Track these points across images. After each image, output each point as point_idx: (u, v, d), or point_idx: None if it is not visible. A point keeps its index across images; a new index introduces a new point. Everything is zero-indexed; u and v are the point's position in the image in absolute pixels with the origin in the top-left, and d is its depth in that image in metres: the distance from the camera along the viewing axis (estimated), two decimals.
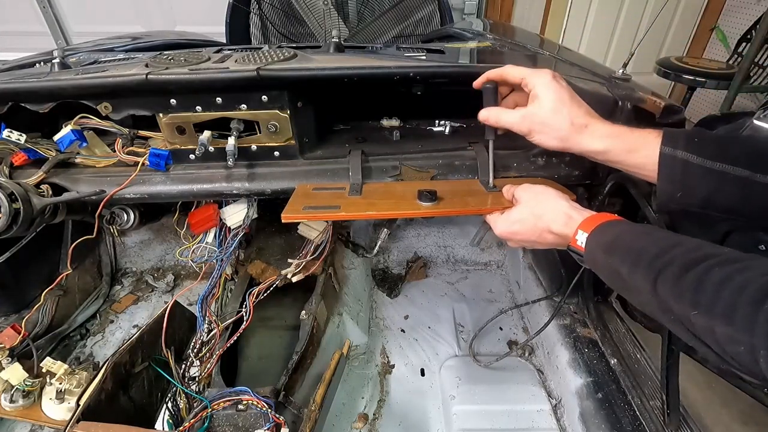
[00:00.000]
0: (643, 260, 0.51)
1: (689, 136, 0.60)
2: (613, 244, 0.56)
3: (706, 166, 0.57)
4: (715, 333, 0.42)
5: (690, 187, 0.59)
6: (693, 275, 0.45)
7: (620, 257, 0.54)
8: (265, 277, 1.15)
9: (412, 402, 1.10)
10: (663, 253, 0.49)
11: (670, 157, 0.60)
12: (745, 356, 0.40)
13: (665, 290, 0.47)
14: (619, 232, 0.57)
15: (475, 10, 3.00)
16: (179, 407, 0.90)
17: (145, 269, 1.50)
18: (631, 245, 0.54)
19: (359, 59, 1.01)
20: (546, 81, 0.69)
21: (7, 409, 0.91)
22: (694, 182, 0.58)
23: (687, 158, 0.58)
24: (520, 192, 0.75)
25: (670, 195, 0.61)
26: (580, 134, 0.67)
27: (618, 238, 0.56)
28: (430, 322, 1.33)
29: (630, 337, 1.02)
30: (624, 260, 0.53)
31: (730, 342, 0.41)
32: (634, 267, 0.52)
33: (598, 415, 0.92)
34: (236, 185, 0.91)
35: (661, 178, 0.61)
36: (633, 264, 0.52)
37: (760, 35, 2.23)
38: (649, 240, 0.53)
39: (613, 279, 0.57)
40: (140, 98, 0.85)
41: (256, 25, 2.17)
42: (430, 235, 1.59)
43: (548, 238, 0.69)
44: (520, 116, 0.71)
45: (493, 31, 1.58)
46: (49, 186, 0.89)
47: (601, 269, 0.59)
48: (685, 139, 0.60)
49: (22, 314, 1.11)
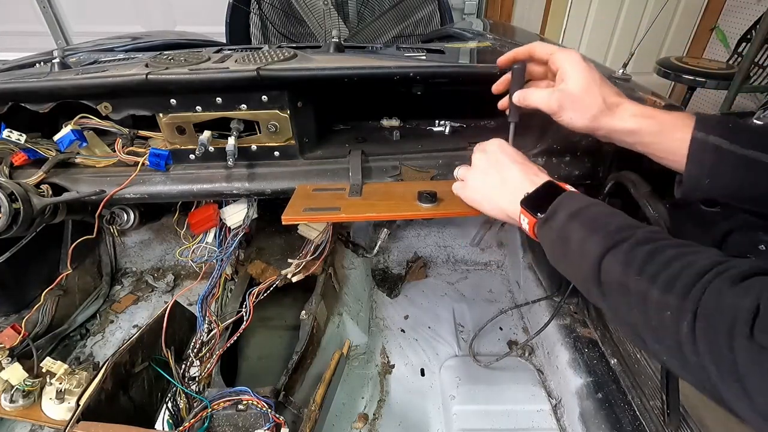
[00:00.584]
0: (602, 230, 0.52)
1: (723, 122, 0.58)
2: (580, 211, 0.56)
3: (739, 153, 0.56)
4: (648, 298, 0.44)
5: (719, 174, 0.57)
6: (648, 248, 0.47)
7: (580, 223, 0.55)
8: (265, 277, 1.15)
9: (412, 402, 1.10)
10: (625, 229, 0.51)
11: (701, 142, 0.57)
12: (668, 320, 0.42)
13: (613, 259, 0.49)
14: (590, 203, 0.58)
15: (475, 10, 3.00)
16: (179, 407, 0.90)
17: (145, 269, 1.50)
18: (597, 216, 0.55)
19: (359, 59, 1.01)
20: (576, 59, 0.66)
21: (7, 409, 0.91)
22: (724, 169, 0.57)
23: (719, 143, 0.56)
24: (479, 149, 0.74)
25: (697, 181, 0.59)
26: (612, 113, 0.65)
27: (588, 207, 0.57)
28: (430, 322, 1.33)
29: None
30: (583, 226, 0.54)
31: (659, 307, 0.43)
32: (590, 234, 0.53)
33: (598, 415, 0.92)
34: (236, 185, 0.91)
35: (691, 162, 0.59)
36: (590, 231, 0.53)
37: (760, 35, 2.23)
38: (617, 218, 0.54)
39: (558, 244, 0.58)
40: (140, 98, 0.85)
41: (256, 25, 2.17)
42: (430, 235, 1.59)
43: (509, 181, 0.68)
44: (550, 95, 0.68)
45: (493, 31, 1.58)
46: (49, 186, 0.89)
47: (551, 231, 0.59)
48: (718, 125, 0.58)
49: (22, 314, 1.11)
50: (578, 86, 0.65)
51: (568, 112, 0.67)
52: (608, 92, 0.65)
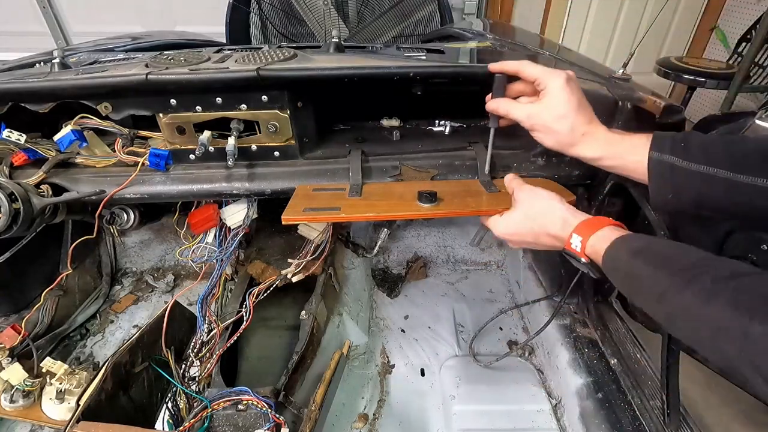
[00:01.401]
0: (677, 266, 0.51)
1: (675, 140, 0.63)
2: (642, 249, 0.56)
3: (692, 169, 0.60)
4: (748, 334, 0.41)
5: (679, 190, 0.61)
6: (736, 282, 0.45)
7: (648, 261, 0.54)
8: (265, 277, 1.15)
9: (412, 402, 1.10)
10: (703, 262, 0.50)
11: (657, 162, 0.62)
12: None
13: (696, 293, 0.47)
14: (652, 241, 0.58)
15: (475, 10, 3.00)
16: (179, 407, 0.90)
17: (145, 269, 1.50)
18: (662, 251, 0.55)
19: (359, 59, 1.01)
20: (559, 84, 0.70)
21: (7, 409, 0.92)
22: (684, 185, 0.61)
23: (673, 162, 0.61)
24: (518, 193, 0.76)
25: (662, 197, 0.63)
26: (577, 143, 0.71)
27: (650, 244, 0.57)
28: (430, 322, 1.33)
29: (630, 337, 1.02)
30: (653, 264, 0.53)
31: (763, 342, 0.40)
32: (663, 271, 0.52)
33: (598, 415, 0.92)
34: (236, 185, 0.91)
35: (652, 180, 0.64)
36: (663, 269, 0.52)
37: (760, 35, 2.23)
38: (687, 252, 0.53)
39: (628, 280, 0.58)
40: (140, 98, 0.85)
41: (256, 25, 2.17)
42: (430, 235, 1.59)
43: (545, 240, 0.70)
44: (526, 114, 0.73)
45: (493, 31, 1.58)
46: (49, 186, 0.89)
47: (618, 270, 0.59)
48: (671, 143, 0.62)
49: (22, 314, 1.11)
50: (552, 114, 0.70)
51: (538, 134, 0.74)
52: (580, 121, 0.70)
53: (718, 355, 0.45)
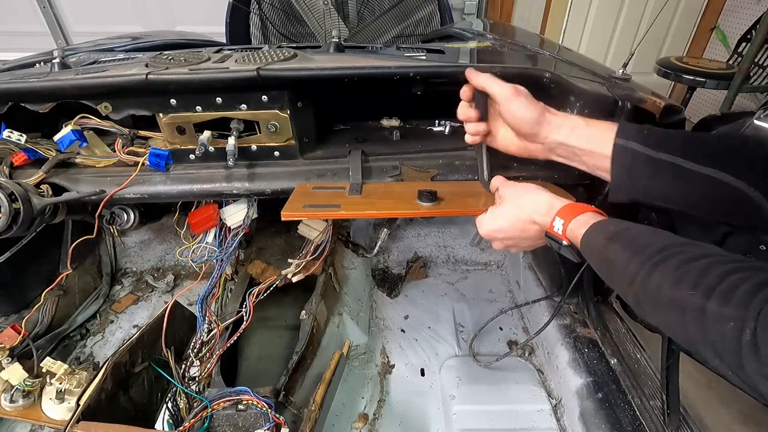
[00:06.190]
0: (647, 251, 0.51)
1: (640, 129, 0.65)
2: (617, 233, 0.57)
3: (648, 155, 0.62)
4: (705, 312, 0.42)
5: (633, 175, 0.64)
6: (701, 264, 0.46)
7: (621, 245, 0.55)
8: (265, 277, 1.15)
9: (412, 402, 1.10)
10: (670, 247, 0.50)
11: (622, 147, 0.65)
12: (730, 333, 0.40)
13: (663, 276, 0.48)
14: (628, 226, 0.59)
15: (475, 10, 3.00)
16: (179, 407, 0.90)
17: (145, 269, 1.50)
18: (637, 237, 0.55)
19: (359, 59, 1.01)
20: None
21: (7, 409, 0.91)
22: (638, 169, 0.63)
23: (636, 148, 0.63)
24: (503, 190, 0.76)
25: (620, 182, 0.66)
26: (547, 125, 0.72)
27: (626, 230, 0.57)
28: (430, 322, 1.33)
29: (630, 337, 1.02)
30: (625, 248, 0.54)
31: (717, 320, 0.42)
32: (633, 255, 0.52)
33: (598, 415, 0.92)
34: (236, 185, 0.91)
35: (614, 165, 0.65)
36: (634, 253, 0.52)
37: (760, 35, 2.23)
38: (658, 236, 0.54)
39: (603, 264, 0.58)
40: (140, 98, 0.85)
41: (256, 25, 2.17)
42: (430, 235, 1.59)
43: (532, 230, 0.70)
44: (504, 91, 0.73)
45: (493, 31, 1.58)
46: (49, 186, 0.89)
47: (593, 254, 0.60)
48: (636, 131, 0.65)
49: (22, 314, 1.11)
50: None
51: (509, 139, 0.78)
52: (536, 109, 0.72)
53: (683, 336, 0.46)
